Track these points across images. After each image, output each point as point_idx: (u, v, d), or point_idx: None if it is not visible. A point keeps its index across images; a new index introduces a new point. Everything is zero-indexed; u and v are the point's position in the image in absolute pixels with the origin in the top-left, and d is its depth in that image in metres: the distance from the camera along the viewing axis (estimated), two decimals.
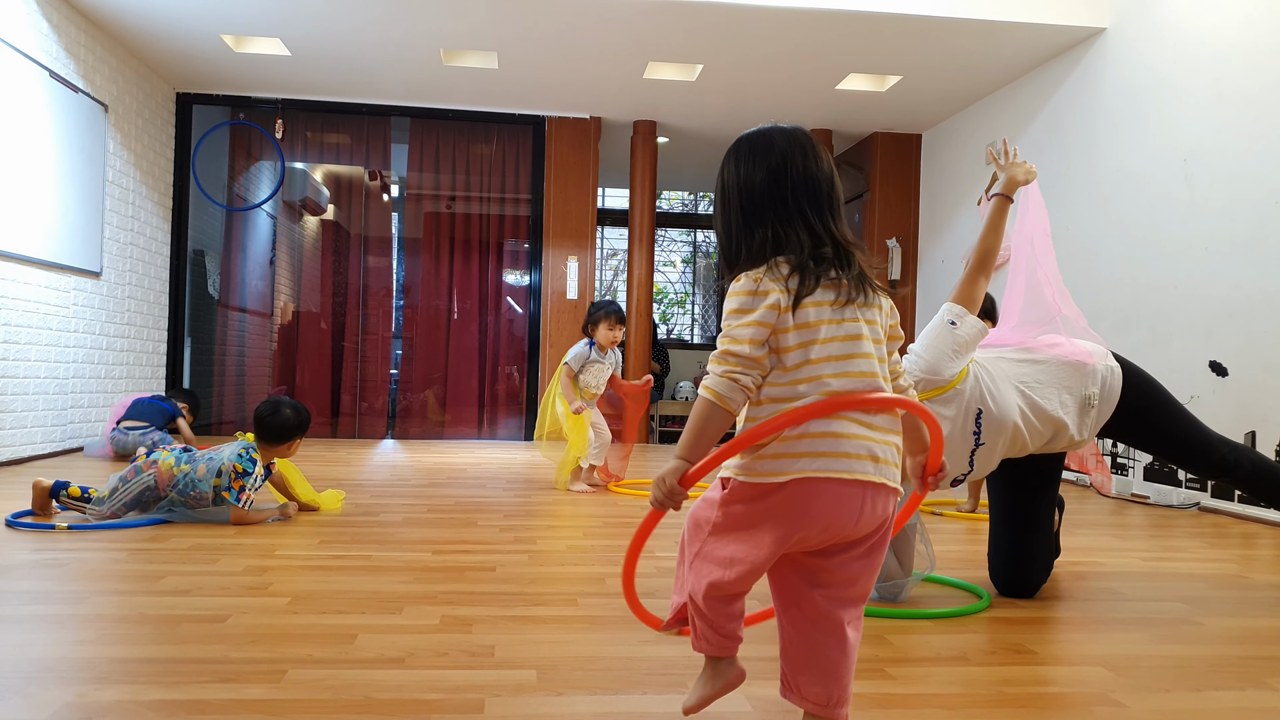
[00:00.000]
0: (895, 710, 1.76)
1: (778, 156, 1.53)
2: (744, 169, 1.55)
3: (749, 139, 1.59)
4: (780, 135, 1.56)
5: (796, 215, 1.51)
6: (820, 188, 1.53)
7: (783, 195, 1.51)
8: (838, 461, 1.40)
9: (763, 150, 1.55)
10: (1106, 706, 1.81)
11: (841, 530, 1.44)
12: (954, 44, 5.99)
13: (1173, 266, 4.94)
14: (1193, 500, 4.72)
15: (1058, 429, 2.61)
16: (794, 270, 1.46)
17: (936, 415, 2.49)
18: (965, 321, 2.51)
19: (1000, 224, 2.67)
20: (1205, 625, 2.47)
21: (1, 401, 5.08)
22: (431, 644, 2.09)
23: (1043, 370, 2.64)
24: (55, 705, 1.67)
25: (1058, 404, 2.61)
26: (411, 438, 8.02)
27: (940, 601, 2.64)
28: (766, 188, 1.52)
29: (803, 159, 1.53)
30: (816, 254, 1.48)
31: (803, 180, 1.52)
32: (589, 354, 4.87)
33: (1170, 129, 5.02)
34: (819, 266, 1.47)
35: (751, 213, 1.53)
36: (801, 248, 1.48)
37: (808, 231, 1.50)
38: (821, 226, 1.51)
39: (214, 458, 3.56)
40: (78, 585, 2.56)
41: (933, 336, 2.52)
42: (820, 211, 1.52)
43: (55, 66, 5.55)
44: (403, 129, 8.04)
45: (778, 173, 1.52)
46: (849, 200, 8.76)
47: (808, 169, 1.53)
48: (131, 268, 6.74)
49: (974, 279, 2.60)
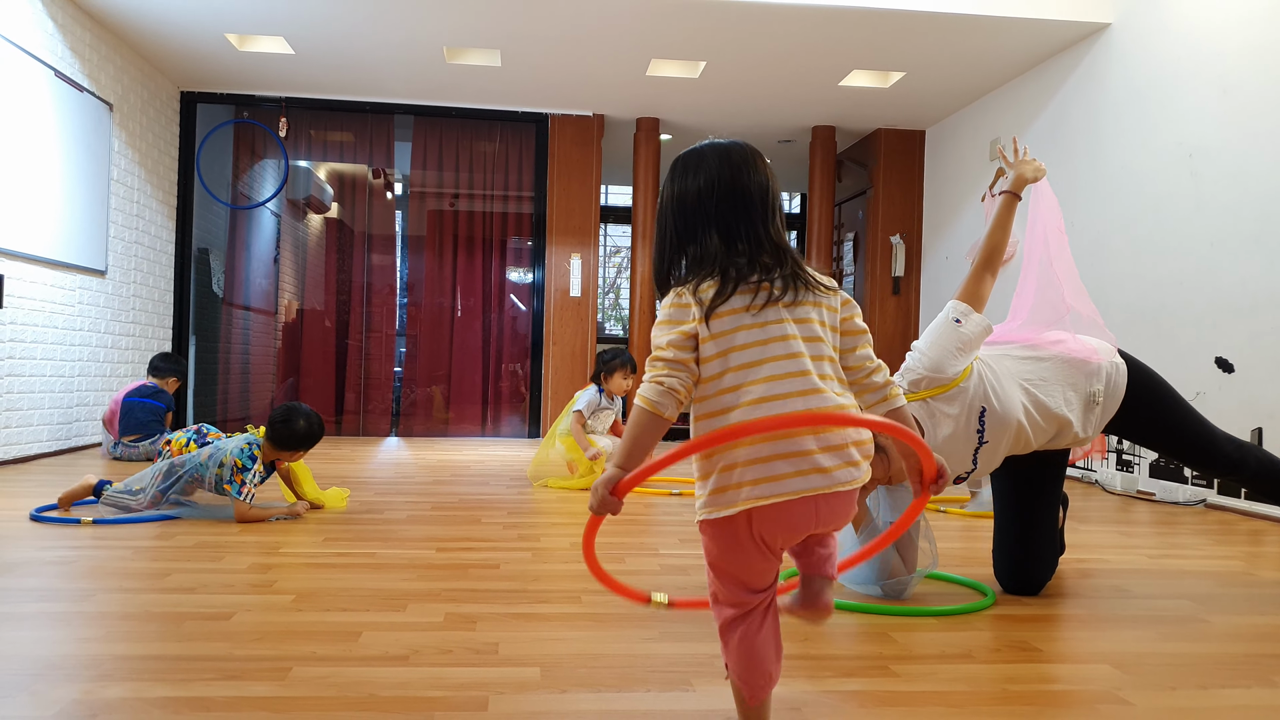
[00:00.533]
0: (899, 708, 1.76)
1: (707, 174, 1.53)
2: (676, 186, 1.56)
3: (683, 158, 1.59)
4: (711, 152, 1.55)
5: (722, 228, 1.50)
6: (751, 198, 1.51)
7: (708, 210, 1.51)
8: (777, 485, 1.36)
9: (694, 168, 1.55)
10: (1112, 704, 1.81)
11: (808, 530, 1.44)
12: (957, 40, 5.97)
13: (1178, 262, 4.93)
14: (1199, 497, 4.71)
15: (1061, 426, 2.61)
16: (709, 281, 1.46)
17: (940, 414, 2.49)
18: (970, 319, 2.50)
19: (1007, 222, 2.67)
20: (1212, 623, 2.46)
21: (8, 400, 5.09)
22: (435, 641, 2.09)
23: (1047, 368, 2.63)
24: (61, 702, 1.67)
25: (1062, 401, 2.60)
26: (416, 435, 8.02)
27: (944, 599, 2.63)
28: (696, 204, 1.52)
29: (731, 173, 1.52)
30: (735, 262, 1.47)
31: (729, 192, 1.51)
32: (599, 401, 5.00)
33: (1175, 124, 5.01)
34: (737, 274, 1.46)
35: (683, 229, 1.53)
36: (717, 259, 1.47)
37: (730, 242, 1.49)
38: (748, 234, 1.49)
39: (220, 446, 3.65)
40: (84, 583, 2.56)
41: (937, 334, 2.51)
42: (750, 221, 1.50)
43: (60, 66, 5.56)
44: (406, 127, 8.04)
45: (705, 190, 1.51)
46: (852, 197, 8.75)
47: (737, 182, 1.51)
48: (136, 266, 6.75)
49: (980, 276, 2.60)
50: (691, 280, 1.47)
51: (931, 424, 2.49)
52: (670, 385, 1.41)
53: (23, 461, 5.23)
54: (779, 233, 1.52)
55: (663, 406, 1.41)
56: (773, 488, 1.36)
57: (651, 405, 1.41)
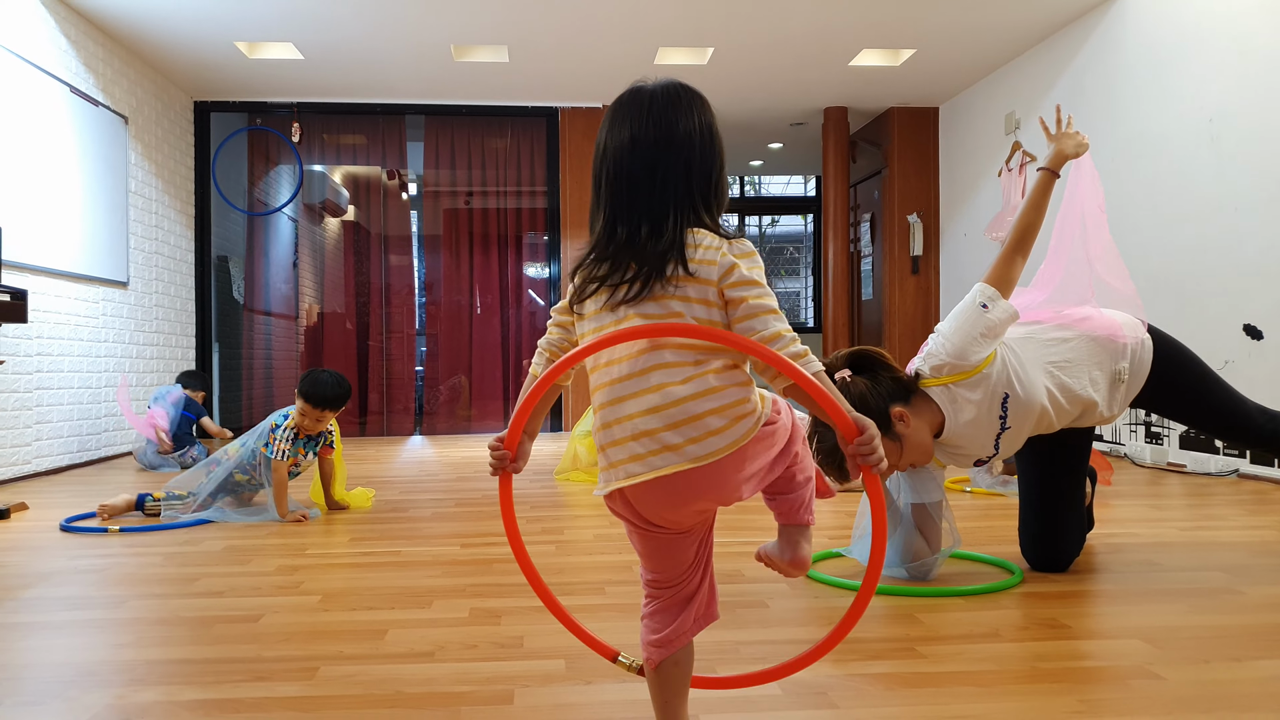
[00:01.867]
0: (927, 689, 1.75)
1: (610, 138, 1.37)
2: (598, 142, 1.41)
3: (608, 107, 1.43)
4: (621, 109, 1.39)
5: (608, 210, 1.36)
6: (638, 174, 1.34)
7: (599, 187, 1.38)
8: (634, 465, 1.29)
9: (605, 125, 1.40)
10: (1144, 679, 1.79)
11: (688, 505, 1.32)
12: (968, 13, 5.91)
13: (1202, 229, 4.86)
14: (1231, 467, 4.65)
15: (1086, 408, 2.56)
16: (582, 265, 1.38)
17: (962, 399, 2.44)
18: (998, 305, 2.43)
19: (1043, 201, 2.58)
20: (1246, 594, 2.43)
21: (38, 413, 5.16)
22: (461, 637, 2.09)
23: (1072, 348, 2.56)
24: (95, 708, 1.69)
25: (1088, 382, 2.55)
26: (439, 433, 8.06)
27: (971, 578, 2.61)
28: (596, 174, 1.39)
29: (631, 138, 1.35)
30: (607, 254, 1.34)
31: (617, 168, 1.35)
32: None
33: (1194, 89, 4.94)
34: (604, 271, 1.34)
35: (593, 202, 1.41)
36: (596, 245, 1.37)
37: (612, 227, 1.35)
38: (628, 219, 1.34)
39: (260, 425, 3.83)
40: (116, 590, 2.59)
41: (962, 319, 2.45)
42: (633, 204, 1.34)
43: (75, 81, 5.60)
44: (417, 127, 8.06)
45: (602, 158, 1.38)
46: (867, 178, 8.69)
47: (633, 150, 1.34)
48: (157, 276, 6.81)
49: (1010, 258, 2.52)
50: (583, 255, 1.39)
51: (954, 409, 2.46)
52: (544, 345, 1.44)
53: (54, 473, 5.29)
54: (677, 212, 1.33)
55: (535, 365, 1.44)
56: (631, 468, 1.30)
57: (533, 365, 1.45)
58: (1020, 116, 6.74)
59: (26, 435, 5.06)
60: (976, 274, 7.52)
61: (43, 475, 5.19)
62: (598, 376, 1.35)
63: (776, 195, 12.30)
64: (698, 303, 1.30)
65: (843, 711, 1.64)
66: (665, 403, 1.27)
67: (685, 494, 1.29)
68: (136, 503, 3.71)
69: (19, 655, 2.05)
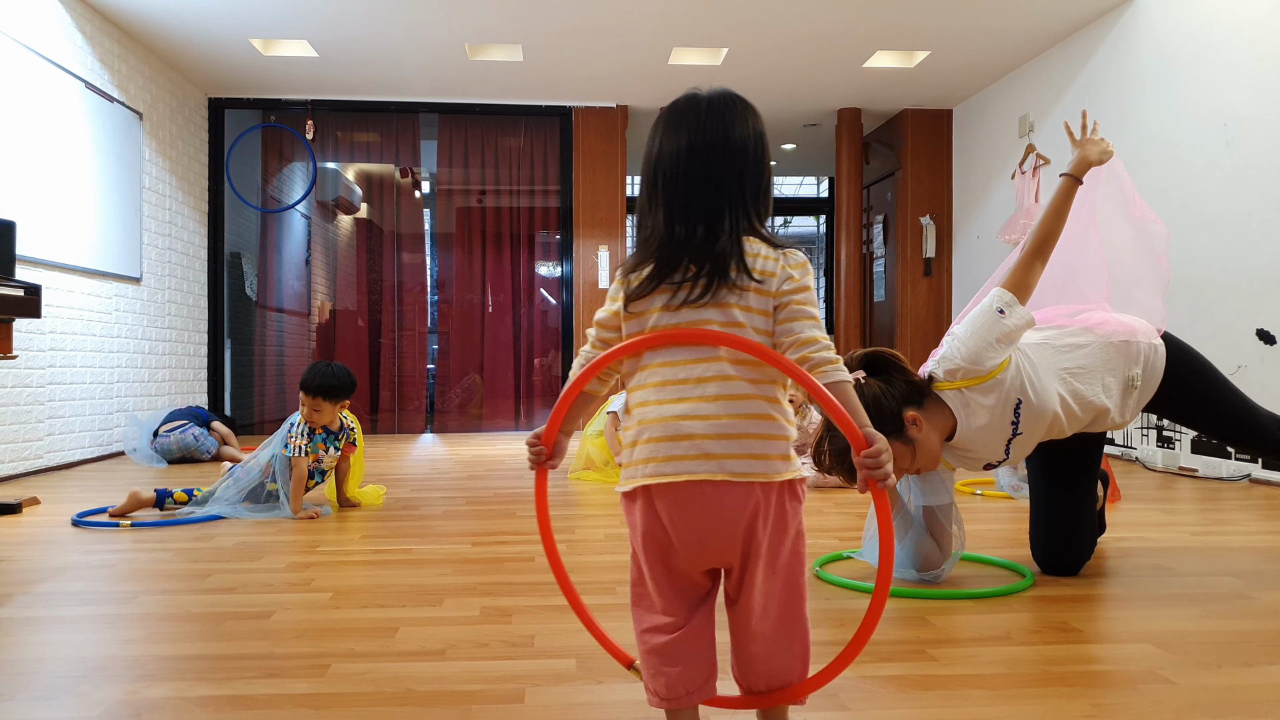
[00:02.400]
0: (937, 691, 1.75)
1: (664, 141, 1.40)
2: (647, 148, 1.44)
3: (661, 114, 1.46)
4: (678, 113, 1.42)
5: (666, 209, 1.38)
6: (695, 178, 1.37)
7: (656, 187, 1.40)
8: (666, 465, 1.31)
9: (658, 129, 1.43)
10: (1155, 684, 1.78)
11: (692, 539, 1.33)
12: (982, 15, 5.90)
13: (1215, 234, 4.84)
14: (1243, 472, 4.63)
15: (1099, 415, 2.56)
16: (641, 269, 1.38)
17: (975, 404, 2.44)
18: (1015, 312, 2.41)
19: (1064, 208, 2.55)
20: (1257, 599, 2.42)
21: (51, 408, 5.18)
22: (472, 635, 2.10)
23: (1086, 354, 2.55)
24: (106, 703, 1.70)
25: (1100, 389, 2.54)
26: (450, 431, 8.07)
27: (983, 581, 2.61)
28: (651, 176, 1.41)
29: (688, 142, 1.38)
30: (667, 254, 1.36)
31: (675, 171, 1.38)
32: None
33: (1209, 94, 4.92)
34: (665, 268, 1.36)
35: (644, 200, 1.43)
36: (655, 245, 1.38)
37: (670, 225, 1.37)
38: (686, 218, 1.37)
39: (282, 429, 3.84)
40: (126, 585, 2.60)
41: (978, 323, 2.43)
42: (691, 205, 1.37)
43: (90, 77, 5.63)
44: (431, 125, 8.08)
45: (658, 160, 1.40)
46: (880, 179, 8.68)
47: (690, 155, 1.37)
48: (170, 272, 6.83)
49: (1029, 265, 2.49)
50: (635, 259, 1.41)
51: (966, 413, 2.45)
52: (585, 350, 1.46)
53: (66, 468, 5.32)
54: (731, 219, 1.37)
55: (576, 367, 1.46)
56: (662, 468, 1.31)
57: (574, 370, 1.46)
58: (1034, 119, 6.72)
59: (39, 430, 5.09)
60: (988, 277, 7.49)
61: (55, 470, 5.22)
62: (646, 375, 1.37)
63: (789, 196, 12.29)
64: (759, 313, 1.35)
65: (854, 713, 1.64)
66: (717, 414, 1.31)
67: (708, 507, 1.31)
68: (156, 500, 3.71)
69: (31, 650, 2.06)
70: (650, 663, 1.39)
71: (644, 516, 1.36)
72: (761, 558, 1.34)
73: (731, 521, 1.31)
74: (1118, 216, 2.75)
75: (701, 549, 1.34)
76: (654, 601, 1.39)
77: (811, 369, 1.32)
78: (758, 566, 1.35)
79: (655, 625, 1.39)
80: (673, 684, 1.37)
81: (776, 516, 1.33)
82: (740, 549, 1.34)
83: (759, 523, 1.32)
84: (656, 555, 1.37)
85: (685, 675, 1.37)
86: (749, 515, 1.32)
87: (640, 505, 1.36)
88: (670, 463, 1.31)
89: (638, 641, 1.41)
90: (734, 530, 1.32)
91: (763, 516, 1.32)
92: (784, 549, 1.35)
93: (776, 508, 1.33)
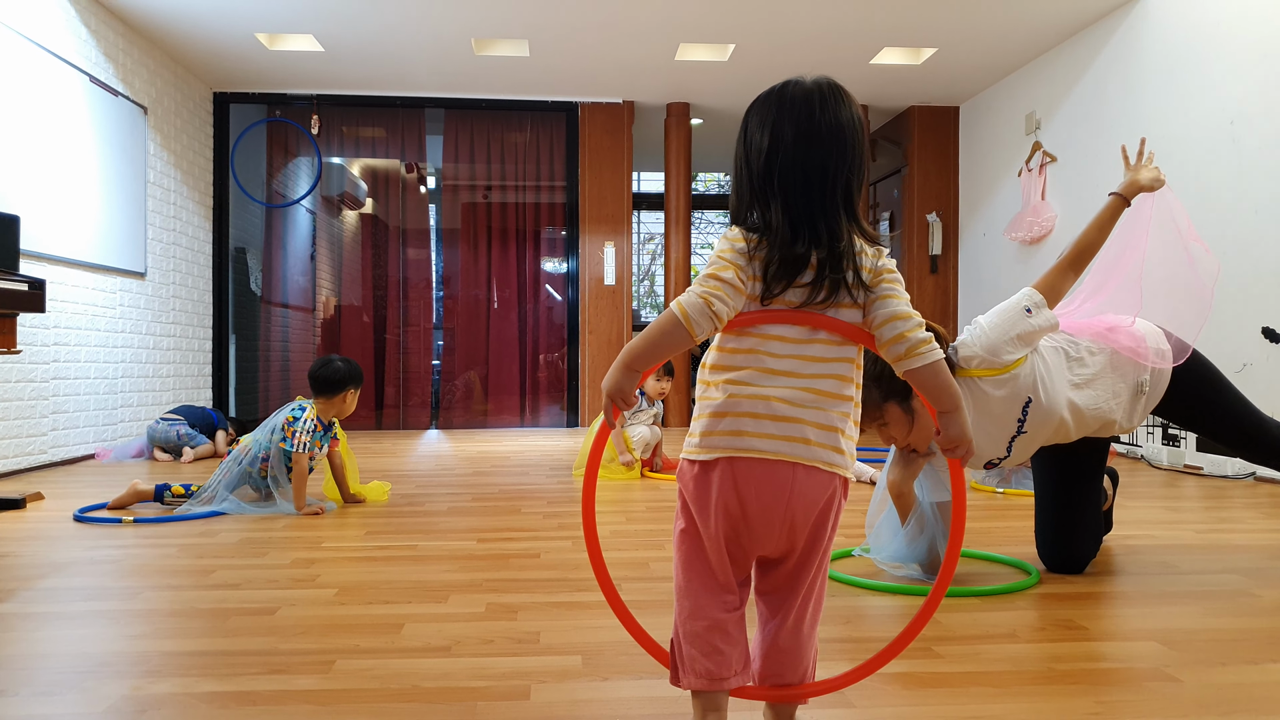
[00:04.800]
0: (943, 689, 1.75)
1: (774, 133, 1.39)
2: (749, 138, 1.43)
3: (759, 102, 1.45)
4: (786, 104, 1.41)
5: (787, 206, 1.37)
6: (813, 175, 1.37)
7: (772, 180, 1.38)
8: (759, 441, 1.35)
9: (766, 120, 1.42)
10: (1160, 682, 1.78)
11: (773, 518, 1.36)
12: (989, 13, 5.88)
13: (1221, 231, 4.82)
14: (1248, 470, 4.62)
15: (1105, 423, 2.57)
16: (772, 264, 1.37)
17: (984, 394, 2.44)
18: (1041, 313, 2.45)
19: (1108, 224, 2.59)
20: (1262, 597, 2.42)
21: (55, 403, 5.19)
22: (477, 632, 2.10)
23: (1100, 361, 2.56)
24: (111, 699, 1.70)
25: (1109, 396, 2.55)
26: (456, 427, 8.08)
27: (988, 579, 2.60)
28: (763, 168, 1.39)
29: (802, 135, 1.38)
30: (796, 254, 1.36)
31: (793, 164, 1.38)
32: (640, 402, 4.98)
33: (1215, 91, 4.90)
34: (794, 268, 1.36)
35: (755, 189, 1.41)
36: (779, 241, 1.36)
37: (796, 227, 1.37)
38: (810, 220, 1.37)
39: (274, 417, 3.83)
40: (131, 581, 2.60)
41: (1003, 317, 2.46)
42: (812, 205, 1.37)
43: (95, 71, 5.63)
44: (437, 120, 8.07)
45: (770, 152, 1.39)
46: (887, 176, 8.66)
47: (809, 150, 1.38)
48: (175, 267, 6.84)
49: (1064, 272, 2.53)
50: (765, 242, 1.37)
51: (972, 402, 2.45)
52: (716, 309, 1.32)
53: (70, 463, 5.33)
54: (845, 216, 1.38)
55: (697, 325, 1.33)
56: (756, 442, 1.35)
57: (686, 319, 1.32)
58: (1040, 117, 6.70)
59: (43, 425, 5.10)
60: (995, 274, 7.52)
61: (59, 465, 5.23)
62: (747, 358, 1.38)
63: None
64: (860, 308, 1.39)
65: (860, 711, 1.64)
66: (820, 404, 1.36)
67: (798, 489, 1.35)
68: (155, 494, 3.72)
69: (35, 645, 2.06)
70: (707, 642, 1.40)
71: (720, 488, 1.37)
72: (822, 548, 1.41)
73: (810, 506, 1.37)
74: (1168, 244, 2.73)
75: (778, 528, 1.38)
76: (714, 579, 1.41)
77: (908, 351, 1.35)
78: (815, 557, 1.41)
79: (721, 601, 1.41)
80: (726, 663, 1.40)
81: (838, 510, 1.41)
82: (808, 536, 1.39)
83: (830, 513, 1.39)
84: (726, 528, 1.39)
85: (739, 655, 1.42)
86: (824, 504, 1.38)
87: (718, 475, 1.37)
88: (766, 440, 1.35)
89: (691, 621, 1.41)
90: (809, 516, 1.38)
91: (834, 508, 1.40)
92: (831, 544, 1.44)
93: (840, 501, 1.40)
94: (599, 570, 1.52)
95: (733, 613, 1.41)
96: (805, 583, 1.42)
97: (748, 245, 1.38)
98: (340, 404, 3.79)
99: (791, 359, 1.37)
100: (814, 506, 1.37)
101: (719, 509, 1.37)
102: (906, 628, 1.45)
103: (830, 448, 1.36)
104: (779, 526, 1.37)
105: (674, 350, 1.37)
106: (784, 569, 1.43)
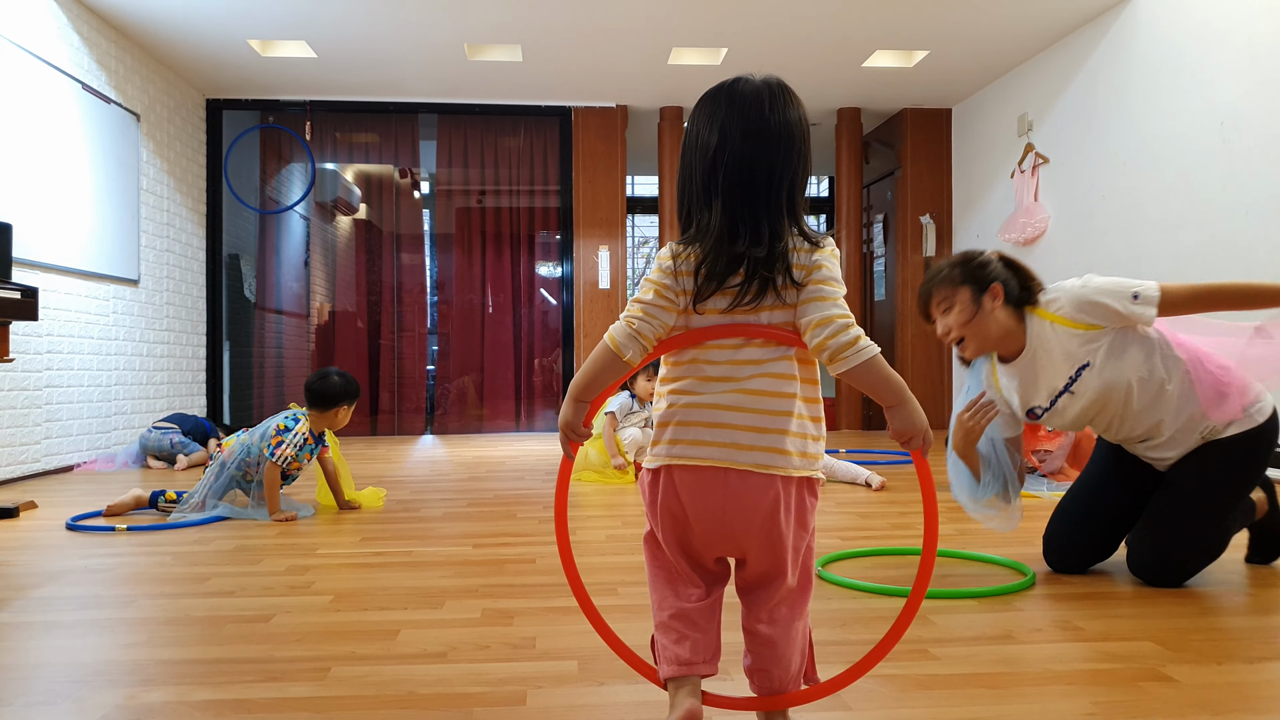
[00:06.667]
0: (938, 691, 1.74)
1: (721, 131, 1.39)
2: (693, 135, 1.43)
3: (706, 98, 1.45)
4: (732, 100, 1.41)
5: (726, 205, 1.38)
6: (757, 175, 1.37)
7: (716, 179, 1.39)
8: (692, 449, 1.38)
9: (713, 116, 1.42)
10: (1157, 682, 1.78)
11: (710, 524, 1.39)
12: (980, 14, 5.90)
13: (1213, 233, 4.84)
14: None
15: (1151, 431, 2.52)
16: (703, 266, 1.37)
17: (1052, 337, 2.45)
18: (1145, 310, 2.36)
19: (1259, 300, 2.36)
20: (1258, 595, 2.43)
21: (48, 411, 5.18)
22: (473, 637, 2.09)
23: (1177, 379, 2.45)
24: (105, 708, 1.69)
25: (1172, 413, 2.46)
26: (451, 433, 8.07)
27: (984, 580, 2.60)
28: (708, 168, 1.39)
29: (746, 133, 1.38)
30: (732, 253, 1.36)
31: (738, 164, 1.38)
32: (631, 405, 4.99)
33: (1206, 92, 4.91)
34: (725, 269, 1.36)
35: (697, 189, 1.41)
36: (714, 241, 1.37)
37: (733, 225, 1.37)
38: (751, 219, 1.37)
39: (265, 423, 3.80)
40: (125, 589, 2.59)
41: (1110, 287, 2.39)
42: (754, 205, 1.37)
43: (87, 79, 5.62)
44: (430, 125, 8.07)
45: (717, 151, 1.39)
46: (880, 179, 8.67)
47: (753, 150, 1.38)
48: (168, 274, 6.83)
49: (1197, 298, 2.37)
50: (694, 246, 1.39)
51: (1039, 343, 2.48)
52: (639, 329, 1.38)
53: (63, 471, 5.31)
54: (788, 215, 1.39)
55: (624, 348, 1.38)
56: (689, 450, 1.38)
57: (615, 345, 1.39)
58: (1033, 118, 6.72)
59: (36, 433, 5.08)
60: None
61: (52, 474, 5.21)
62: (688, 368, 1.41)
63: None
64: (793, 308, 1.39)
65: (855, 713, 1.64)
66: (755, 407, 1.37)
67: (729, 493, 1.37)
68: (150, 500, 3.71)
69: (28, 655, 2.05)
70: (673, 629, 1.43)
71: (664, 494, 1.41)
72: (788, 549, 1.40)
73: (749, 510, 1.37)
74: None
75: (719, 533, 1.40)
76: (677, 572, 1.46)
77: (831, 356, 1.33)
78: (780, 558, 1.40)
79: (682, 593, 1.45)
80: (696, 648, 1.42)
81: (798, 510, 1.40)
82: (760, 539, 1.39)
83: (780, 514, 1.38)
84: (673, 533, 1.43)
85: (706, 642, 1.43)
86: (768, 506, 1.37)
87: (662, 482, 1.41)
88: (698, 447, 1.37)
89: (659, 613, 1.46)
90: (750, 520, 1.38)
91: (784, 508, 1.38)
92: (803, 544, 1.42)
93: (797, 501, 1.39)
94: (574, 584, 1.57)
95: (698, 603, 1.44)
96: (777, 584, 1.43)
97: (675, 261, 1.40)
98: (333, 418, 3.78)
99: (727, 364, 1.39)
100: (754, 510, 1.37)
101: (664, 515, 1.42)
102: (888, 632, 1.45)
103: (769, 449, 1.36)
104: (719, 531, 1.40)
105: (613, 377, 1.42)
106: (751, 570, 1.45)
